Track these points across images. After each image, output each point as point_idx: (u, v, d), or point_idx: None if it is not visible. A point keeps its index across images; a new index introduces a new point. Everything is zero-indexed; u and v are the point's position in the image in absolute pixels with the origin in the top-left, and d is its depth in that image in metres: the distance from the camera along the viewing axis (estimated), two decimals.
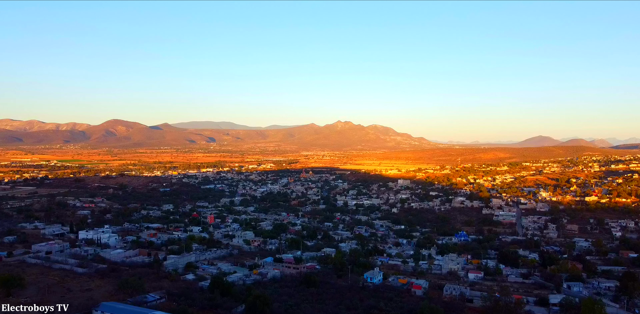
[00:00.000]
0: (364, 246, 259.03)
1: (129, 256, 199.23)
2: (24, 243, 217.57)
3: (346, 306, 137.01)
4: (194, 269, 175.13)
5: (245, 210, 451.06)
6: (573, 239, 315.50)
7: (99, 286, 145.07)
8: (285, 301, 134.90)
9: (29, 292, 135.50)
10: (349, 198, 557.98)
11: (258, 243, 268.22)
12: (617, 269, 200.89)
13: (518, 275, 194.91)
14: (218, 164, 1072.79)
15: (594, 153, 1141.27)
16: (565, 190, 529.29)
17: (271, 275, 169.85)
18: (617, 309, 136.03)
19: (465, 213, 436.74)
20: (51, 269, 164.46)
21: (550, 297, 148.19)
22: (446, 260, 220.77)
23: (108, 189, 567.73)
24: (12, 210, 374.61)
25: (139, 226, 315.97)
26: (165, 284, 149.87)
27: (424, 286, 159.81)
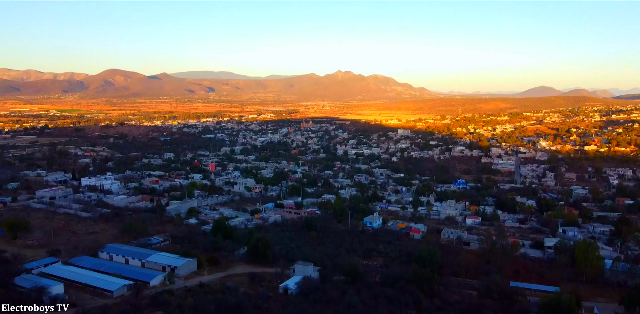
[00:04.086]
0: (364, 193, 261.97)
1: (132, 201, 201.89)
2: (27, 190, 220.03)
3: (346, 248, 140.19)
4: (196, 214, 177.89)
5: (245, 159, 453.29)
6: (570, 187, 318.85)
7: (104, 230, 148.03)
8: (286, 244, 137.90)
9: (35, 235, 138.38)
10: (349, 147, 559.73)
11: (259, 190, 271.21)
12: (613, 215, 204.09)
13: (515, 221, 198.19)
14: (218, 114, 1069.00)
15: (595, 104, 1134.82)
16: (564, 139, 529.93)
17: (272, 220, 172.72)
18: (610, 252, 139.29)
19: (465, 162, 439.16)
20: (56, 213, 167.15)
21: (545, 240, 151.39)
22: (444, 206, 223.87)
23: (108, 138, 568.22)
24: (13, 158, 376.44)
25: (140, 173, 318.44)
26: (169, 228, 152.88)
27: (422, 230, 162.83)
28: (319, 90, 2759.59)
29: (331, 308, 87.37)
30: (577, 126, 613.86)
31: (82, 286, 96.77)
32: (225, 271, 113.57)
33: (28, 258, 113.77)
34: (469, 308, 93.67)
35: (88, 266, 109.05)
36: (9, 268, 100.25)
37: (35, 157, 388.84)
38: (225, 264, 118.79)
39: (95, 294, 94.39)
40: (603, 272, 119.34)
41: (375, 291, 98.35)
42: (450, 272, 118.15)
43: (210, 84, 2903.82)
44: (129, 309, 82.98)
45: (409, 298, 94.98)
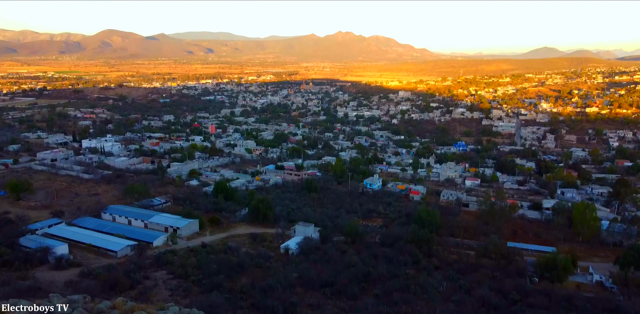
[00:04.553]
0: (364, 155, 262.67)
1: (133, 163, 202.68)
2: (28, 152, 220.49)
3: (346, 209, 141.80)
4: (197, 176, 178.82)
5: (245, 121, 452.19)
6: (570, 149, 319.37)
7: (106, 191, 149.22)
8: (287, 205, 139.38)
9: (38, 196, 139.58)
10: (349, 109, 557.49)
11: (259, 152, 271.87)
12: (611, 177, 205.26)
13: (514, 182, 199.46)
14: (217, 75, 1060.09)
15: (599, 65, 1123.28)
16: (566, 101, 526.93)
17: (273, 181, 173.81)
18: (607, 213, 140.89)
19: (465, 124, 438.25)
20: (58, 175, 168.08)
21: (543, 202, 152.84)
22: (444, 168, 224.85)
23: (108, 100, 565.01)
24: (13, 120, 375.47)
25: (141, 135, 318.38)
26: (170, 190, 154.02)
27: (421, 191, 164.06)
28: (319, 52, 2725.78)
29: (331, 268, 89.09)
30: (579, 88, 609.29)
31: (86, 247, 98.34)
32: (227, 232, 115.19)
33: (32, 219, 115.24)
34: (467, 268, 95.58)
35: (91, 227, 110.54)
36: (13, 228, 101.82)
37: (34, 119, 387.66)
38: (227, 225, 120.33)
39: (100, 254, 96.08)
40: (600, 233, 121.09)
41: (374, 251, 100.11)
42: (449, 233, 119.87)
43: (209, 45, 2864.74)
44: (133, 268, 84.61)
45: (407, 258, 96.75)
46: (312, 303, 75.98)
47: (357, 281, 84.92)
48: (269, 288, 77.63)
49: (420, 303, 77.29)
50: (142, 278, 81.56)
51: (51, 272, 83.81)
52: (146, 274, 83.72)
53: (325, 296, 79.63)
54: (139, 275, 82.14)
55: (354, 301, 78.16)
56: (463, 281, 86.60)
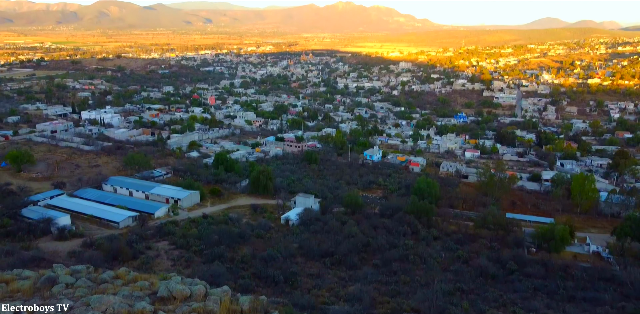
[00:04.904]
0: (364, 126, 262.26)
1: (133, 135, 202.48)
2: (28, 123, 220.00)
3: (346, 181, 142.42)
4: (197, 147, 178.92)
5: (245, 92, 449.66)
6: (571, 120, 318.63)
7: (106, 163, 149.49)
8: (287, 176, 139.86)
9: (39, 168, 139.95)
10: (349, 80, 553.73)
11: (259, 124, 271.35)
12: (611, 148, 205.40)
13: (514, 154, 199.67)
14: (216, 46, 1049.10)
15: (602, 35, 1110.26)
16: (568, 72, 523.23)
17: (273, 153, 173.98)
18: (606, 185, 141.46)
19: (466, 96, 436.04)
20: (58, 147, 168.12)
21: (543, 173, 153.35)
22: (444, 139, 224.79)
23: (106, 71, 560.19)
24: (12, 91, 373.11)
25: (140, 107, 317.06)
26: (171, 161, 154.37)
27: (421, 163, 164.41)
28: (319, 22, 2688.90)
29: (331, 238, 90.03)
30: (582, 59, 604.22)
31: (88, 218, 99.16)
32: (227, 203, 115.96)
33: (33, 190, 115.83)
34: (465, 238, 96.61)
35: (93, 198, 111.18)
36: (15, 200, 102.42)
37: (33, 90, 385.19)
38: (228, 196, 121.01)
39: (102, 225, 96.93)
40: (598, 204, 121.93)
41: (374, 222, 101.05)
42: (448, 204, 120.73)
43: (208, 15, 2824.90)
44: (135, 239, 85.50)
45: (407, 229, 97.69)
46: (312, 273, 77.11)
47: (357, 252, 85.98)
48: (269, 258, 78.63)
49: (419, 273, 78.43)
50: (144, 249, 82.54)
51: (54, 243, 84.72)
52: (148, 245, 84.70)
53: (325, 266, 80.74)
54: (141, 246, 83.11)
55: (354, 270, 79.28)
56: (461, 251, 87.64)
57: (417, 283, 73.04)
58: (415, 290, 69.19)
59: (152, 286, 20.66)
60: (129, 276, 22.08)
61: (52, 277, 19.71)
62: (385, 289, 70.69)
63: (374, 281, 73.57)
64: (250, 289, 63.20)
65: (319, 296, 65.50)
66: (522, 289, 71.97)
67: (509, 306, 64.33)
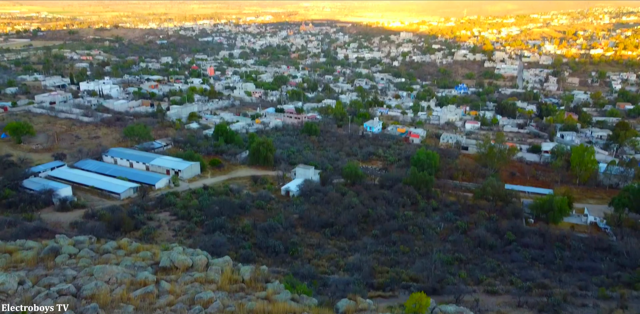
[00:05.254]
0: (364, 98, 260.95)
1: (132, 106, 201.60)
2: (26, 94, 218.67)
3: (346, 152, 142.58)
4: (197, 119, 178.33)
5: (244, 63, 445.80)
6: (572, 92, 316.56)
7: (106, 134, 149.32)
8: (287, 148, 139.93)
9: (39, 139, 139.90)
10: (349, 51, 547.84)
11: (259, 95, 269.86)
12: (612, 120, 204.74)
13: (514, 125, 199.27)
14: (214, 16, 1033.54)
15: (606, 5, 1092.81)
16: (571, 43, 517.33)
17: (273, 124, 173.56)
18: (605, 156, 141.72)
19: (467, 67, 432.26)
20: (57, 118, 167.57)
21: (542, 145, 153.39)
22: (444, 111, 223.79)
23: (104, 41, 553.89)
24: (9, 62, 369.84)
25: (139, 78, 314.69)
26: (170, 133, 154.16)
27: (421, 134, 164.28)
28: None
29: (331, 209, 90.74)
30: (585, 29, 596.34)
31: (89, 189, 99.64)
32: (228, 174, 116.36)
33: (34, 161, 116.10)
34: (464, 209, 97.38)
35: (93, 169, 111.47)
36: (16, 171, 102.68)
37: (31, 61, 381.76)
38: (228, 167, 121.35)
39: (103, 196, 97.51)
40: (597, 175, 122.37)
41: (373, 193, 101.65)
42: (448, 175, 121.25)
43: None
44: (136, 210, 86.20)
45: (406, 199, 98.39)
46: (312, 243, 78.04)
47: (357, 222, 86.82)
48: (270, 229, 79.44)
49: (418, 243, 79.36)
50: (146, 219, 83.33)
51: (56, 213, 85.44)
52: (149, 216, 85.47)
53: (325, 236, 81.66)
54: (143, 216, 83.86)
55: (354, 241, 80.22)
56: (460, 222, 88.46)
57: (416, 253, 74.03)
58: (414, 260, 70.16)
59: (154, 256, 20.94)
60: (131, 247, 22.36)
61: (55, 247, 19.96)
62: (384, 259, 71.67)
63: (374, 251, 74.53)
64: (251, 259, 64.08)
65: (319, 266, 66.44)
66: (519, 259, 72.95)
67: (507, 276, 65.33)
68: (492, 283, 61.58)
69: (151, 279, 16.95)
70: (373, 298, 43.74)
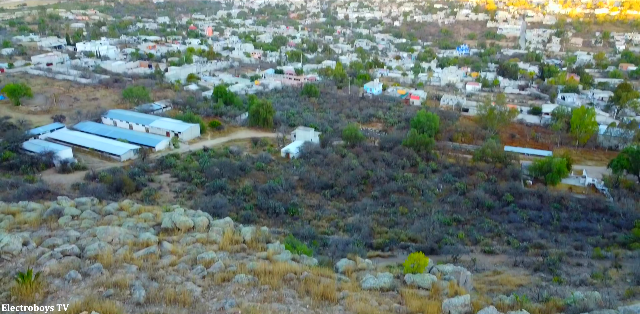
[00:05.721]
0: (364, 59, 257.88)
1: (130, 67, 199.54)
2: (23, 55, 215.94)
3: (346, 114, 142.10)
4: (195, 80, 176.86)
5: (243, 23, 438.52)
6: (575, 52, 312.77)
7: (105, 96, 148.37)
8: (287, 109, 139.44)
9: (37, 101, 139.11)
10: (350, 10, 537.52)
11: (258, 56, 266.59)
12: (614, 81, 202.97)
13: (515, 87, 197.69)
14: None
15: None
16: (575, 2, 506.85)
17: (272, 86, 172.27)
18: (606, 118, 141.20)
19: (469, 27, 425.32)
20: (55, 80, 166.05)
21: (543, 107, 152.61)
22: (445, 72, 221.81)
23: (99, 1, 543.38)
24: (3, 22, 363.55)
25: (136, 39, 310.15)
26: (169, 94, 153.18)
27: (422, 96, 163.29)
28: None
29: (331, 171, 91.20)
30: None
31: (89, 151, 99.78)
32: (227, 136, 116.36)
33: (33, 123, 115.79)
34: (463, 171, 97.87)
35: (93, 131, 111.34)
36: (16, 133, 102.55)
37: (25, 21, 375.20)
38: (228, 129, 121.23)
39: (103, 158, 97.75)
40: (596, 137, 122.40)
41: (373, 155, 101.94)
42: (447, 137, 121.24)
43: None
44: (137, 171, 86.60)
45: (406, 161, 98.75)
46: (312, 204, 78.87)
47: (356, 184, 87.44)
48: (270, 190, 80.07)
49: (417, 204, 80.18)
50: (147, 181, 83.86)
51: (57, 175, 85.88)
52: (150, 177, 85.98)
53: (325, 198, 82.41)
54: (144, 178, 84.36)
55: (353, 202, 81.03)
56: (459, 183, 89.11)
57: (414, 214, 74.89)
58: (413, 221, 71.07)
59: (156, 217, 21.18)
60: (133, 208, 22.58)
61: (58, 209, 20.16)
62: (383, 219, 72.59)
63: (373, 212, 75.40)
64: (252, 220, 64.90)
65: (319, 227, 67.38)
66: (516, 219, 73.86)
67: (504, 236, 66.33)
68: (489, 243, 62.61)
69: (153, 240, 17.20)
70: (372, 258, 44.54)
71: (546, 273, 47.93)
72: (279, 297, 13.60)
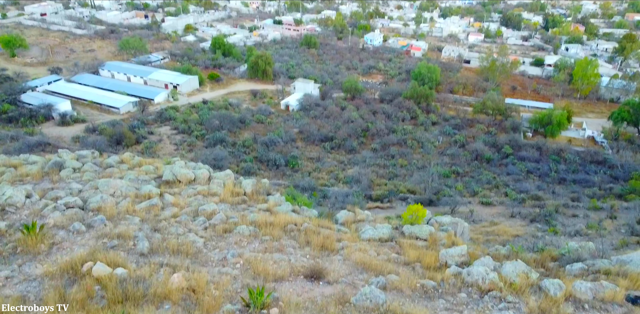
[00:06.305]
0: (365, 9, 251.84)
1: (126, 18, 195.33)
2: (16, 5, 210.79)
3: (346, 66, 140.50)
4: (193, 31, 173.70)
5: None
6: (581, 2, 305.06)
7: (101, 47, 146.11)
8: (286, 61, 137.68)
9: (33, 53, 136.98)
10: None
11: (256, 6, 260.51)
12: (619, 32, 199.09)
13: (518, 38, 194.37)
14: None
15: None
16: None
17: (271, 37, 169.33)
18: (609, 69, 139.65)
19: None
20: (50, 30, 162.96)
21: (546, 58, 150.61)
22: (448, 22, 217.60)
23: None
24: None
25: None
26: (167, 45, 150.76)
27: (423, 47, 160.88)
28: None
29: (331, 123, 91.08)
30: None
31: (88, 104, 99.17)
32: (226, 88, 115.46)
33: (30, 76, 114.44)
34: (463, 123, 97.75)
35: (91, 84, 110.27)
36: (13, 85, 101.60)
37: None
38: (227, 81, 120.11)
39: (102, 110, 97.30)
40: (598, 89, 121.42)
41: (373, 107, 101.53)
42: (448, 89, 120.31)
43: None
44: (137, 124, 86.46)
45: (406, 114, 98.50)
46: (312, 156, 79.24)
47: (356, 136, 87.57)
48: (270, 142, 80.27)
49: (416, 156, 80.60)
50: (147, 134, 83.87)
51: (57, 128, 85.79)
52: (150, 130, 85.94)
53: (325, 150, 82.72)
54: (144, 131, 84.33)
55: (353, 154, 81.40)
56: (459, 136, 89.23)
57: (413, 166, 75.41)
58: (412, 173, 71.61)
59: (157, 170, 21.34)
60: (134, 161, 22.72)
61: (59, 162, 20.27)
62: (382, 171, 73.13)
63: (372, 164, 75.87)
64: (252, 173, 65.38)
65: (319, 179, 67.95)
66: (515, 172, 74.40)
67: (501, 188, 67.00)
68: (487, 195, 63.31)
69: (155, 193, 17.40)
70: (371, 209, 45.24)
71: (542, 224, 48.74)
72: (280, 247, 13.90)
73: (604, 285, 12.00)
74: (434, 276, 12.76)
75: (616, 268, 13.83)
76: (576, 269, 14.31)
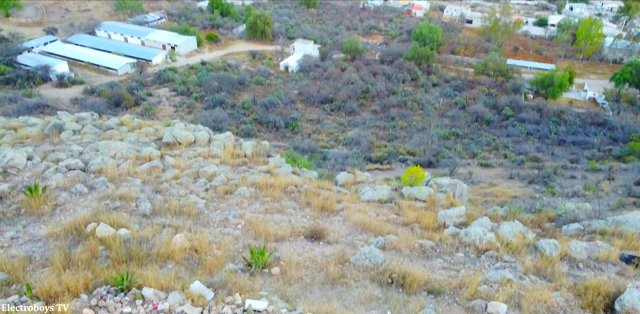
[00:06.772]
0: None
1: None
2: None
3: (346, 26, 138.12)
4: None
5: None
6: None
7: (96, 7, 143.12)
8: (285, 21, 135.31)
9: (27, 13, 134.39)
10: None
11: None
12: None
13: None
14: None
15: None
16: None
17: None
18: (613, 30, 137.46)
19: None
20: None
21: (549, 18, 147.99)
22: None
23: None
24: None
25: None
26: (163, 5, 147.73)
27: (424, 7, 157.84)
28: None
29: (331, 85, 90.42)
30: None
31: (85, 65, 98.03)
32: (225, 49, 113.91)
33: (25, 36, 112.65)
34: (464, 84, 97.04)
35: (87, 44, 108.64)
36: (9, 46, 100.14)
37: None
38: (225, 42, 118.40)
39: (100, 72, 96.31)
40: (602, 50, 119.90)
41: (373, 69, 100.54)
42: (450, 50, 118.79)
43: None
44: (135, 86, 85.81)
45: (406, 75, 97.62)
46: (312, 118, 79.07)
47: (356, 98, 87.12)
48: (270, 104, 79.93)
49: (416, 118, 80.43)
50: (146, 95, 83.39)
51: (55, 90, 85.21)
52: (149, 92, 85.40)
53: (324, 112, 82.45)
54: (142, 92, 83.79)
55: (353, 116, 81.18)
56: (459, 97, 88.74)
57: (413, 128, 75.36)
58: (412, 135, 71.65)
59: (157, 132, 21.35)
60: (134, 123, 22.70)
61: (59, 124, 20.27)
62: (382, 133, 73.16)
63: (372, 126, 75.80)
64: (252, 134, 65.38)
65: (319, 140, 68.04)
66: (515, 133, 74.44)
67: (501, 150, 67.19)
68: (487, 156, 63.56)
69: (156, 154, 17.47)
70: (371, 171, 45.49)
71: (540, 185, 49.17)
72: (280, 208, 14.09)
73: (599, 245, 12.23)
74: (432, 236, 12.99)
75: (612, 229, 14.07)
76: (572, 230, 14.55)
